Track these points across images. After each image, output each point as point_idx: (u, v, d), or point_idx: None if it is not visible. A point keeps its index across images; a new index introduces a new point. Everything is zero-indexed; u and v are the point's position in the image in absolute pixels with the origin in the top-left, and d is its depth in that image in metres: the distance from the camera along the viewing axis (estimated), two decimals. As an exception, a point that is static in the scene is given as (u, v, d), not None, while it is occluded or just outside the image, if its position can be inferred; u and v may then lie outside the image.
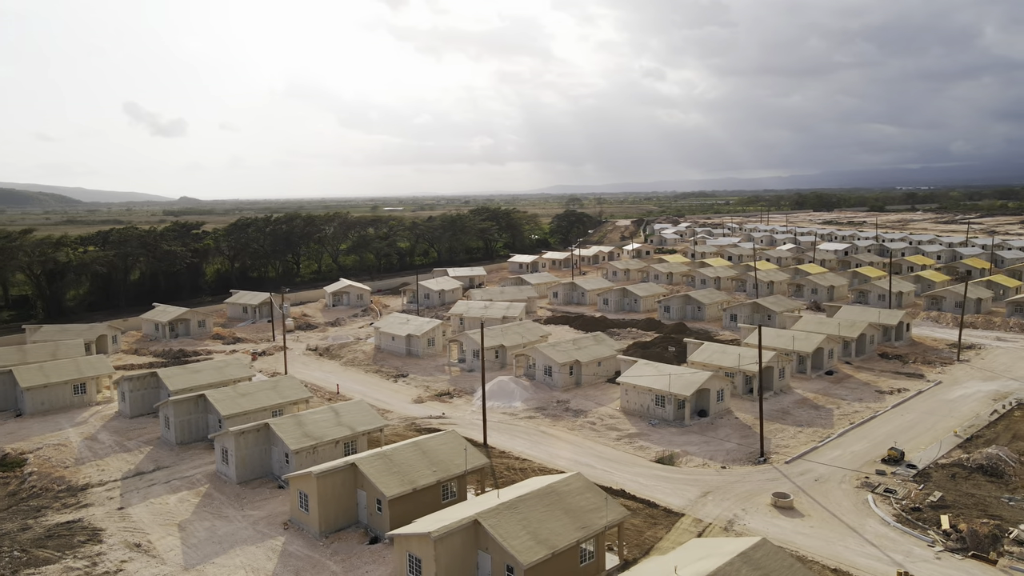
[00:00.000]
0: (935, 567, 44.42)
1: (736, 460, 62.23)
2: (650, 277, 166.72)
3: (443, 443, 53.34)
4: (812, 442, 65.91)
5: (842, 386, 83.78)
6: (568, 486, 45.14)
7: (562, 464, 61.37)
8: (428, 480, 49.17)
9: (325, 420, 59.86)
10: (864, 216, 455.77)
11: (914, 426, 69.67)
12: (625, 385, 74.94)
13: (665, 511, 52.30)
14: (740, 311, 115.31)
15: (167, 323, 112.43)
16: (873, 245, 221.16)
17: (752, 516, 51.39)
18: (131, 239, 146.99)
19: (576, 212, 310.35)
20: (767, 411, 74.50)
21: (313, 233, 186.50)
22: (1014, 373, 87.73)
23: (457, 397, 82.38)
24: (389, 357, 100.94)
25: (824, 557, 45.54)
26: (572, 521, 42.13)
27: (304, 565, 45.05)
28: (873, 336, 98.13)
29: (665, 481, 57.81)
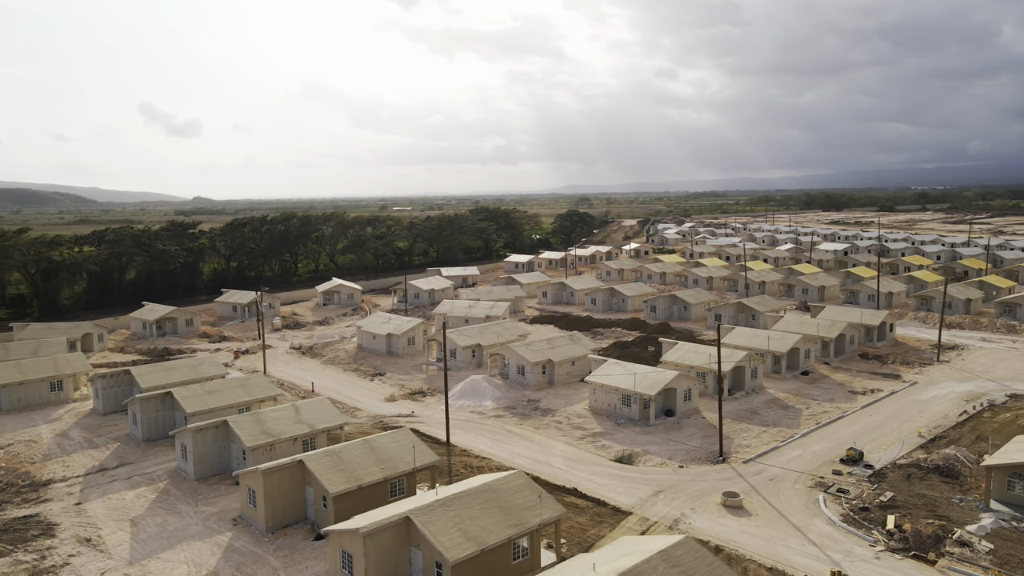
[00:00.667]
0: (872, 567, 44.40)
1: (695, 459, 62.32)
2: (643, 277, 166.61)
3: (394, 441, 53.81)
4: (775, 442, 65.87)
5: (816, 386, 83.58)
6: (507, 484, 45.47)
7: (521, 463, 61.69)
8: (375, 477, 49.65)
9: (285, 418, 60.51)
10: (873, 216, 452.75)
11: (880, 427, 69.47)
12: (593, 384, 75.16)
13: (613, 510, 52.50)
14: (725, 311, 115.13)
15: (154, 322, 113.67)
16: (874, 245, 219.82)
17: (699, 515, 51.52)
18: (126, 238, 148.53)
19: (579, 212, 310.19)
20: (736, 411, 74.65)
21: (310, 233, 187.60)
22: (992, 374, 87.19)
23: (430, 396, 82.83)
24: (369, 356, 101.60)
25: (763, 556, 45.62)
26: (506, 518, 42.45)
27: (246, 560, 45.66)
28: (853, 336, 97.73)
29: (620, 480, 58.00)
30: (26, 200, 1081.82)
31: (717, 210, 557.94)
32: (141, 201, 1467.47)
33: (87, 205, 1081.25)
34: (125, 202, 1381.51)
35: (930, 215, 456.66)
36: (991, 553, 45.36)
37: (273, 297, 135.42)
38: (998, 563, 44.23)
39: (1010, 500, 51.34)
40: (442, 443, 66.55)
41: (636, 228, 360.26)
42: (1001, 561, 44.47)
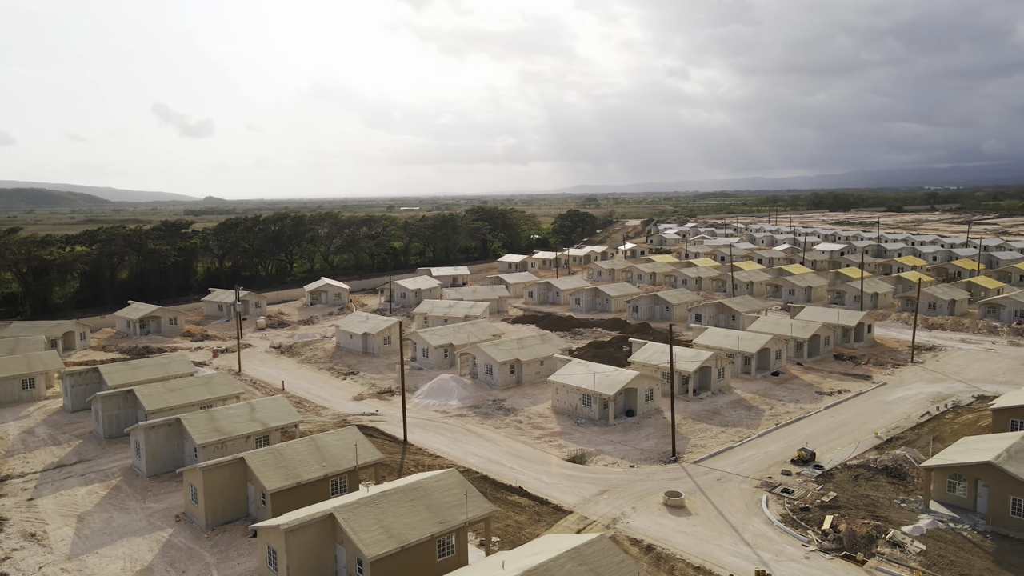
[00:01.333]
0: (799, 566, 44.51)
1: (648, 459, 62.51)
2: (633, 277, 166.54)
3: (339, 439, 54.35)
4: (731, 442, 65.94)
5: (784, 387, 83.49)
6: (438, 482, 45.87)
7: (474, 462, 62.15)
8: (315, 475, 50.18)
9: (239, 415, 61.19)
10: (879, 216, 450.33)
11: (840, 427, 69.36)
12: (555, 384, 75.46)
13: (555, 508, 52.81)
14: (705, 311, 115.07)
15: (137, 320, 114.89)
16: (871, 246, 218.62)
17: (639, 514, 51.74)
18: (117, 238, 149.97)
19: (579, 212, 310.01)
20: (698, 411, 74.79)
21: (303, 233, 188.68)
22: (964, 375, 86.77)
23: (399, 395, 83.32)
24: (346, 355, 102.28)
25: (693, 555, 45.81)
26: (432, 516, 42.87)
27: (181, 556, 46.31)
28: (828, 337, 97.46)
29: (568, 479, 58.27)
30: (41, 200, 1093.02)
31: (723, 210, 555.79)
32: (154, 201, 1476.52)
33: (100, 205, 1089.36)
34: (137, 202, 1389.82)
35: (937, 215, 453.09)
36: (922, 554, 45.37)
37: (259, 296, 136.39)
38: (927, 564, 44.24)
39: (950, 501, 51.24)
40: (400, 442, 67.10)
41: (639, 228, 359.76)
42: (931, 562, 44.47)
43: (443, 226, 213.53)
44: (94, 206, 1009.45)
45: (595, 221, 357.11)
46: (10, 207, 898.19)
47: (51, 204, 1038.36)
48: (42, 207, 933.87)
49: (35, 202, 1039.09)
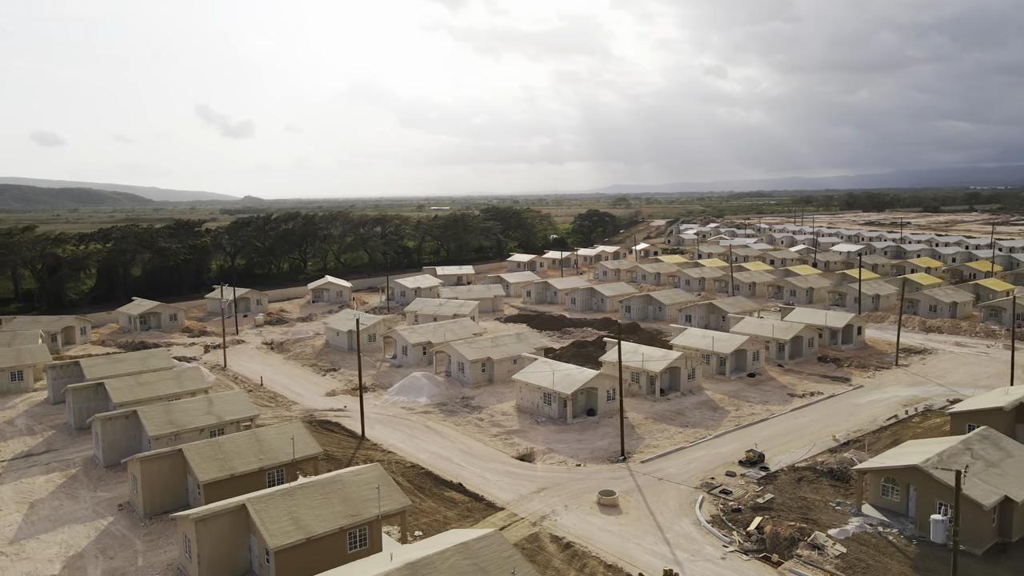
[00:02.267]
0: (712, 566, 44.48)
1: (598, 459, 62.69)
2: (638, 277, 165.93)
3: (280, 433, 55.63)
4: (685, 443, 65.78)
5: (757, 388, 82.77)
6: (359, 476, 46.85)
7: (424, 457, 63.07)
8: (250, 467, 51.53)
9: (196, 409, 62.94)
10: (913, 217, 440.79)
11: (801, 429, 68.69)
12: (519, 383, 76.00)
13: (487, 505, 53.41)
14: (695, 311, 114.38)
15: (138, 316, 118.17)
16: (891, 247, 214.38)
17: (570, 512, 52.06)
18: (129, 236, 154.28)
19: (599, 212, 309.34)
20: (662, 411, 74.68)
21: (315, 232, 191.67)
22: (946, 379, 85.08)
23: (373, 391, 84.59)
24: (332, 352, 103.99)
25: (609, 553, 46.04)
26: (346, 509, 43.84)
27: (114, 543, 47.99)
28: (812, 339, 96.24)
29: (511, 477, 58.80)
30: (86, 199, 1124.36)
31: (754, 211, 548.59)
32: (194, 200, 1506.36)
33: (143, 204, 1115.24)
34: (179, 201, 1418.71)
35: (974, 216, 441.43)
36: (840, 557, 44.98)
37: (261, 294, 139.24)
38: (843, 567, 43.87)
39: (884, 505, 50.61)
40: (358, 437, 68.30)
41: (663, 229, 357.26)
42: (847, 565, 44.09)
43: (454, 226, 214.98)
44: (137, 205, 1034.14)
45: (618, 221, 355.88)
46: (57, 206, 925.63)
47: (96, 203, 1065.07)
48: (87, 206, 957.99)
49: (81, 201, 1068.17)
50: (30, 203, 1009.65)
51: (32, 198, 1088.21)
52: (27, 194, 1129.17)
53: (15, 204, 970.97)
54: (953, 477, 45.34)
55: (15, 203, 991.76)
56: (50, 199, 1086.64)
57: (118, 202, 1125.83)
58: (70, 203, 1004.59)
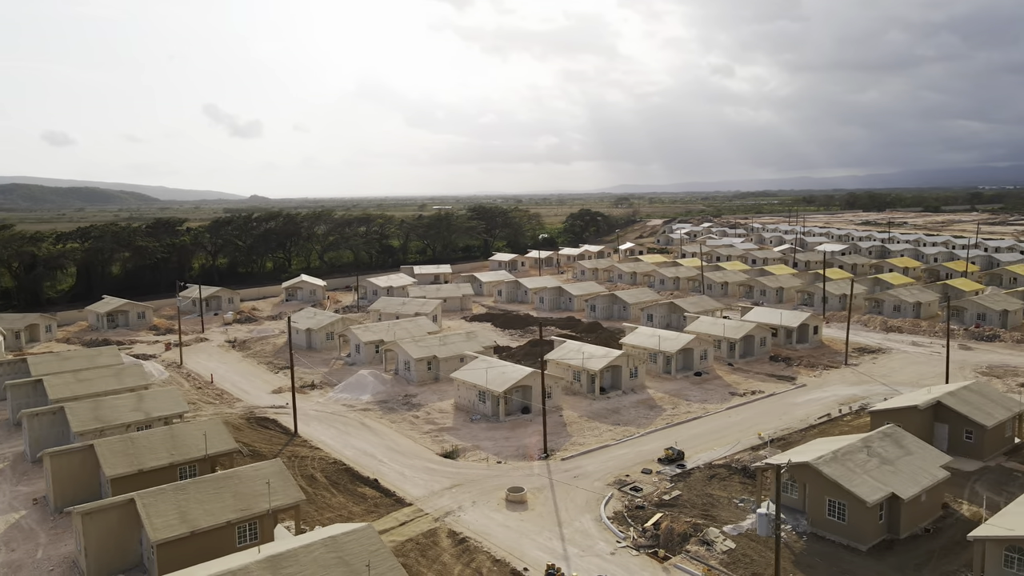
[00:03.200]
0: (599, 561, 44.98)
1: (521, 456, 63.21)
2: (614, 277, 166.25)
3: (198, 429, 56.40)
4: (611, 440, 66.23)
5: (700, 387, 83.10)
6: (258, 471, 47.62)
7: (348, 454, 63.82)
8: (160, 463, 52.29)
9: (125, 405, 63.82)
10: (912, 217, 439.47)
11: (730, 427, 69.04)
12: (457, 381, 76.61)
13: (396, 501, 54.06)
14: (656, 311, 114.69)
15: (105, 314, 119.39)
16: (875, 246, 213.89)
17: (476, 508, 52.65)
18: (106, 235, 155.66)
19: (591, 212, 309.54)
20: (598, 410, 75.09)
21: (297, 231, 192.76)
22: (892, 378, 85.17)
23: (320, 389, 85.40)
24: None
25: (500, 548, 46.60)
26: (236, 503, 44.58)
27: (19, 536, 48.89)
28: (765, 338, 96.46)
29: (428, 473, 59.42)
30: (94, 198, 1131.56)
31: (753, 210, 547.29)
32: (200, 200, 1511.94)
33: (149, 203, 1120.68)
34: (185, 200, 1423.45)
35: (974, 216, 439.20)
36: (727, 553, 45.43)
37: (233, 292, 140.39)
38: (726, 563, 44.33)
39: (785, 502, 50.90)
40: (291, 433, 69.08)
41: (660, 228, 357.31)
42: (731, 560, 44.54)
43: (437, 225, 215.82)
44: (143, 204, 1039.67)
45: (614, 221, 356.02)
46: (64, 205, 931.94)
47: (104, 202, 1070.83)
48: (94, 205, 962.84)
49: (89, 200, 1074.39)
50: (37, 202, 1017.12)
51: (39, 197, 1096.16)
52: (35, 193, 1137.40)
53: (22, 203, 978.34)
54: (840, 474, 45.86)
55: (22, 202, 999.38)
56: (57, 198, 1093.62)
57: (125, 201, 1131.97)
58: (77, 202, 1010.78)
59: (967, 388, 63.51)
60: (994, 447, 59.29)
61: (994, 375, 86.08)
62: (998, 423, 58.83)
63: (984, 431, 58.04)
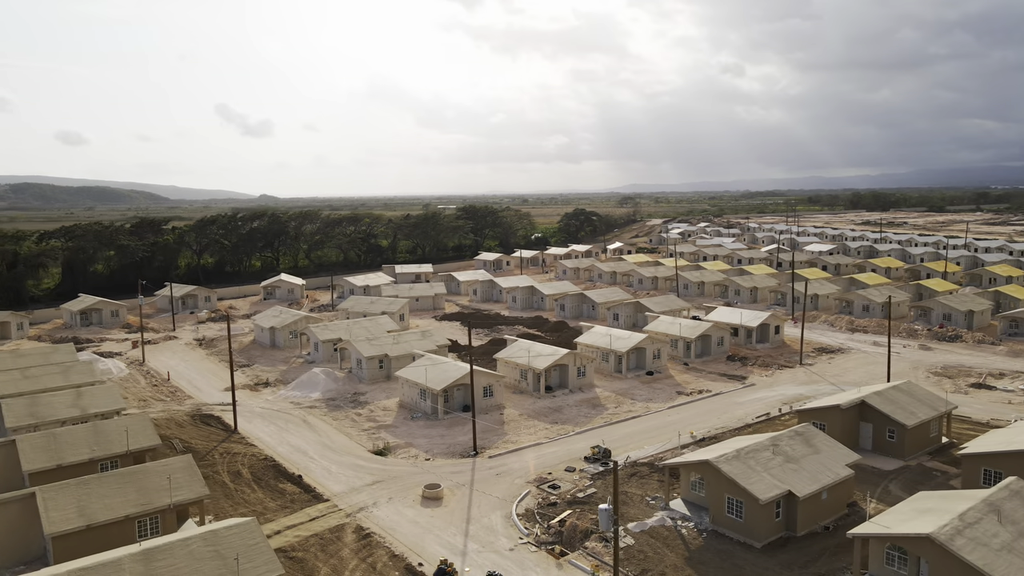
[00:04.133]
0: (496, 557, 45.50)
1: (451, 454, 63.76)
2: (595, 276, 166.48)
3: (121, 425, 57.30)
4: (545, 439, 66.64)
5: (649, 386, 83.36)
6: (164, 467, 48.51)
7: (281, 450, 64.60)
8: (80, 458, 53.22)
9: (62, 402, 64.90)
10: (915, 216, 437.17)
11: (667, 426, 69.26)
12: (401, 379, 77.24)
13: (314, 496, 54.77)
14: (622, 310, 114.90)
15: (78, 312, 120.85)
16: (864, 246, 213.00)
17: (390, 504, 53.28)
18: (88, 234, 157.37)
19: (585, 211, 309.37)
20: (540, 408, 75.52)
21: (284, 230, 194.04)
22: (841, 378, 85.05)
23: (272, 387, 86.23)
24: (255, 348, 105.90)
25: (402, 544, 47.21)
26: (139, 498, 45.43)
27: (-64, 528, 49.81)
28: (723, 338, 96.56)
29: (354, 470, 60.08)
30: (105, 197, 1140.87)
31: (756, 210, 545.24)
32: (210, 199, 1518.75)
33: (158, 202, 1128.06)
34: (194, 199, 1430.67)
35: (977, 216, 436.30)
36: (624, 549, 45.79)
37: (210, 291, 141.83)
38: (622, 559, 44.67)
39: (693, 499, 51.33)
40: (230, 430, 69.92)
41: (660, 227, 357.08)
42: (626, 557, 44.93)
43: (423, 225, 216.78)
44: (153, 203, 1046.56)
45: (613, 220, 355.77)
46: (75, 204, 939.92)
47: (114, 201, 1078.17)
48: (105, 204, 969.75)
49: (100, 200, 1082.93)
50: (48, 201, 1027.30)
51: (51, 196, 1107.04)
52: (47, 192, 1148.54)
53: (34, 202, 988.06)
54: (738, 472, 46.18)
55: (34, 201, 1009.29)
56: (69, 197, 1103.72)
57: (135, 200, 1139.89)
58: (88, 201, 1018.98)
59: (896, 388, 63.54)
60: (916, 446, 59.33)
61: (946, 375, 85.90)
62: (920, 423, 58.86)
63: (905, 430, 58.11)
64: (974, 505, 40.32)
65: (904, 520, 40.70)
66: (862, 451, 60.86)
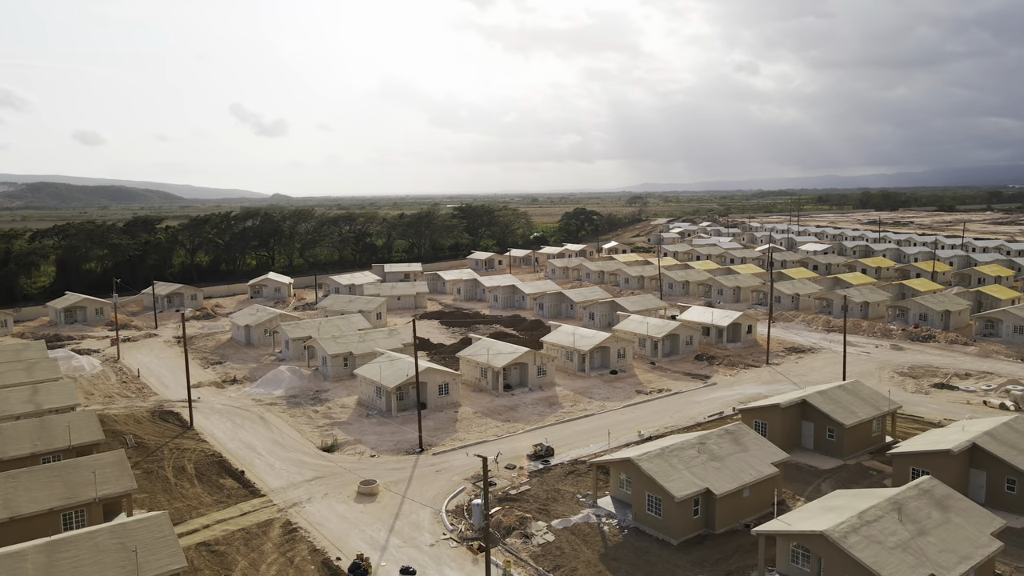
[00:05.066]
0: (414, 552, 46.06)
1: (397, 451, 64.39)
2: (582, 275, 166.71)
3: (68, 421, 58.36)
4: (492, 436, 67.14)
5: (610, 385, 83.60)
6: (95, 461, 49.43)
7: (231, 446, 65.51)
8: (22, 452, 54.29)
9: (17, 397, 66.13)
10: (924, 216, 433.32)
11: (618, 425, 69.46)
12: (359, 377, 77.96)
13: (251, 492, 55.56)
14: (598, 309, 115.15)
15: (63, 310, 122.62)
16: (859, 246, 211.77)
17: (325, 500, 53.99)
18: (80, 233, 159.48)
19: (586, 211, 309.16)
20: (496, 407, 75.97)
21: (277, 230, 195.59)
22: (805, 378, 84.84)
23: (239, 384, 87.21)
24: (232, 346, 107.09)
25: (324, 539, 47.88)
26: (65, 492, 46.36)
27: None
28: (692, 337, 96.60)
29: (297, 466, 60.84)
30: (120, 196, 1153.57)
31: (763, 209, 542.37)
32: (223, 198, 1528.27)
33: (172, 201, 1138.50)
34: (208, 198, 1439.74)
35: (988, 215, 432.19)
36: (543, 545, 46.26)
37: (196, 290, 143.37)
38: (539, 555, 45.20)
39: (620, 497, 51.64)
40: (186, 427, 70.91)
41: (661, 227, 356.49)
42: (543, 553, 45.41)
43: (417, 224, 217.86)
44: (166, 202, 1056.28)
45: (616, 220, 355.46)
46: (90, 203, 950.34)
47: (129, 200, 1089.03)
48: (120, 203, 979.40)
49: (115, 199, 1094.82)
50: (65, 200, 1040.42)
51: (67, 195, 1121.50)
52: (63, 191, 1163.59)
53: (50, 201, 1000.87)
54: (657, 470, 46.49)
55: (50, 200, 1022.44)
56: (85, 196, 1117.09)
57: (149, 199, 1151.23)
58: (103, 200, 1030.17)
59: (841, 388, 63.52)
60: (856, 446, 59.31)
61: (911, 375, 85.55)
62: (860, 422, 58.85)
63: (844, 429, 58.13)
64: (877, 503, 40.45)
65: (807, 518, 40.89)
66: (804, 450, 61.08)
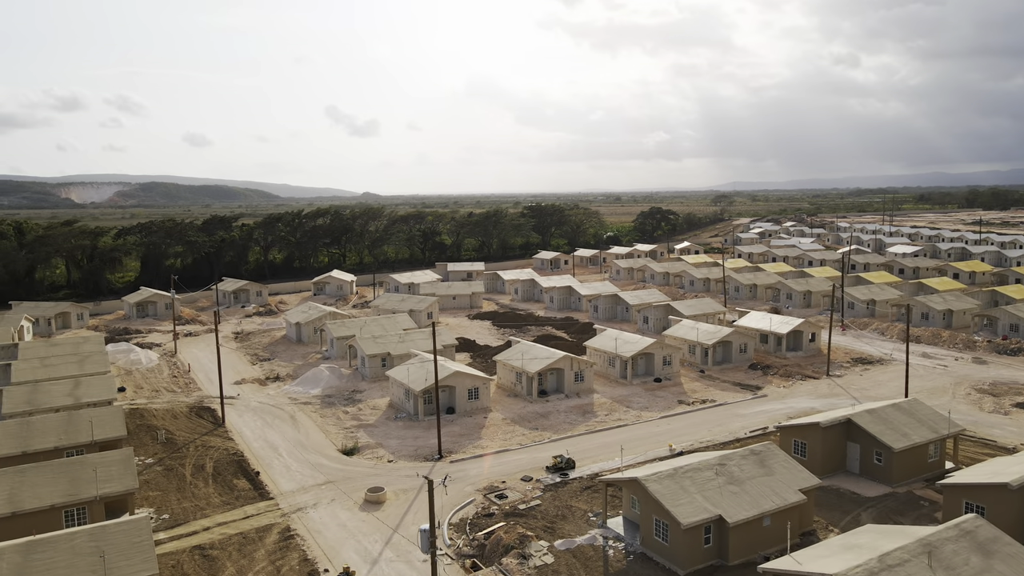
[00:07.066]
0: (404, 568, 44.38)
1: (417, 456, 62.89)
2: (647, 277, 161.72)
3: (95, 415, 59.53)
4: (518, 445, 64.76)
5: (652, 394, 79.68)
6: (102, 459, 50.00)
7: (255, 446, 65.62)
8: (46, 445, 55.66)
9: (60, 391, 68.24)
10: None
11: (650, 437, 65.91)
12: (391, 379, 76.96)
13: (260, 494, 55.11)
14: (652, 313, 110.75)
15: (135, 304, 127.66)
16: (954, 248, 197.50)
17: (330, 506, 52.96)
18: (160, 230, 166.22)
19: (662, 210, 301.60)
20: (529, 413, 73.63)
21: (348, 228, 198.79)
22: (867, 393, 78.59)
23: (281, 381, 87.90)
24: (283, 343, 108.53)
25: (318, 548, 46.72)
26: (68, 488, 46.90)
27: (-90, 506, 53.19)
28: (745, 344, 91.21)
29: (313, 469, 60.15)
30: (221, 195, 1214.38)
31: (856, 208, 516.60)
32: (316, 196, 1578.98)
33: (269, 199, 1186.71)
34: (302, 197, 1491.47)
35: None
36: (540, 568, 43.60)
37: (261, 286, 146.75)
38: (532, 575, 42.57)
39: (632, 517, 48.28)
40: (218, 423, 71.63)
41: (742, 227, 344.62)
42: (538, 574, 42.69)
43: (485, 223, 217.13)
44: (263, 200, 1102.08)
45: (696, 220, 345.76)
46: (195, 201, 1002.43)
47: (229, 199, 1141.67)
48: (220, 202, 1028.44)
49: (217, 197, 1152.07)
50: (173, 198, 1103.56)
51: (175, 194, 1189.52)
52: (171, 191, 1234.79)
53: (160, 199, 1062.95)
54: (665, 492, 43.15)
55: (160, 199, 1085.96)
56: (191, 195, 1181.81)
57: (248, 198, 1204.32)
58: (207, 199, 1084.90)
59: (895, 406, 57.84)
60: (907, 472, 53.70)
61: (991, 392, 77.89)
62: (912, 445, 53.25)
63: (892, 453, 52.70)
64: (906, 544, 35.81)
65: (823, 556, 36.66)
66: (848, 474, 55.95)
